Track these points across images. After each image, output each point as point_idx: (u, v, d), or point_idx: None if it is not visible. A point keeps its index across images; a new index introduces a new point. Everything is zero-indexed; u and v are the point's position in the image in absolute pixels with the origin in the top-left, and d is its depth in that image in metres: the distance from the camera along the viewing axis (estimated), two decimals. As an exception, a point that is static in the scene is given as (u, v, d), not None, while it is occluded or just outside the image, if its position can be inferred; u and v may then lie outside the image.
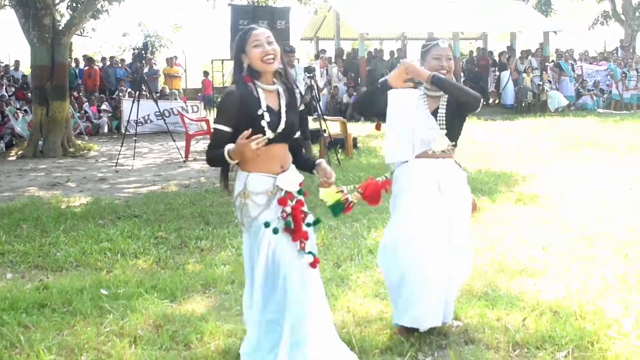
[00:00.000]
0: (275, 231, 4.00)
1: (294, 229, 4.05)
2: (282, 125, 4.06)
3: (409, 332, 4.65)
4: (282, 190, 4.07)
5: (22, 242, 7.44)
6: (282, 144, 4.13)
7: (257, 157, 3.91)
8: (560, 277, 5.87)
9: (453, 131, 4.73)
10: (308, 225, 4.18)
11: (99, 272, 6.40)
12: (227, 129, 4.00)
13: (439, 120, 4.69)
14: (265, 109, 4.02)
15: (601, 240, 6.98)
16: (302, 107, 11.83)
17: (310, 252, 4.11)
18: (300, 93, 4.30)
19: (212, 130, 4.12)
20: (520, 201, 9.01)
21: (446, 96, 4.68)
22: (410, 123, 4.71)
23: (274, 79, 4.14)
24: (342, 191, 4.60)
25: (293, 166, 4.23)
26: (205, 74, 26.84)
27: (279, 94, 4.15)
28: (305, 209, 4.19)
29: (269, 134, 3.99)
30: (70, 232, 7.81)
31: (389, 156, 4.82)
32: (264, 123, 3.99)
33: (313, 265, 4.11)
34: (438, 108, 4.70)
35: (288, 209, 4.06)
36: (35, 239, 7.56)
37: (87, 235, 7.62)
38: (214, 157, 4.04)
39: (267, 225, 3.99)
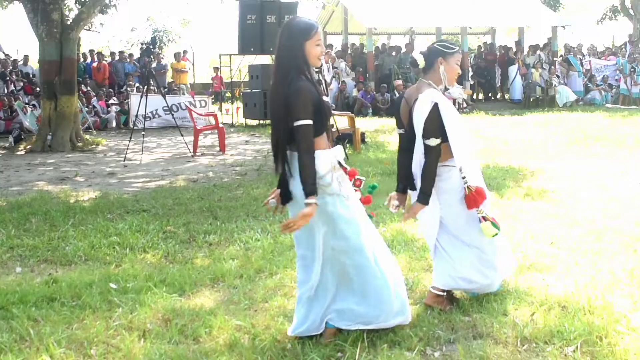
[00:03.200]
0: (371, 188, 4.89)
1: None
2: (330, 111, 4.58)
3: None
4: (337, 162, 4.43)
5: (31, 236, 7.47)
6: None
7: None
8: (568, 272, 5.86)
9: None
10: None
11: (108, 266, 6.43)
12: (312, 122, 4.24)
13: None
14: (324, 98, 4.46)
15: (609, 235, 6.96)
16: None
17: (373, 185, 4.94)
18: None
19: (301, 127, 4.19)
20: (528, 196, 9.00)
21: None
22: (464, 129, 4.98)
23: None
24: None
25: None
26: (216, 69, 26.90)
27: None
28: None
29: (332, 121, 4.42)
30: (79, 227, 7.83)
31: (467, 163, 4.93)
32: (329, 111, 4.52)
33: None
34: None
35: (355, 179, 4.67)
36: (44, 233, 7.60)
37: (96, 230, 7.65)
38: (313, 175, 4.21)
39: (374, 187, 4.89)
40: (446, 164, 4.92)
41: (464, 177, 4.87)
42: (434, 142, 4.79)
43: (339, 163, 4.43)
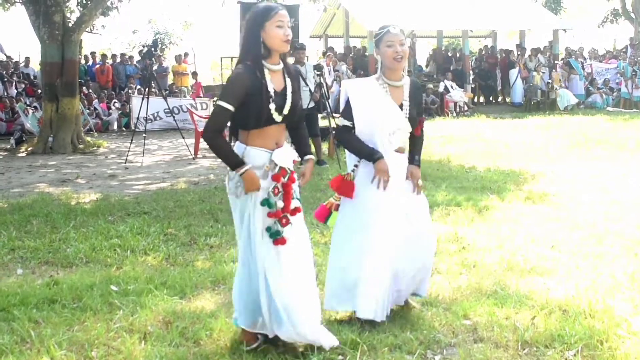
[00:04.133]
0: (262, 203, 4.19)
1: (282, 205, 4.23)
2: (287, 107, 4.23)
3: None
4: (276, 165, 4.21)
5: (32, 238, 7.47)
6: (281, 125, 4.29)
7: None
8: (569, 275, 5.86)
9: (413, 124, 4.91)
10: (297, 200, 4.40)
11: (109, 268, 6.42)
12: (231, 107, 4.12)
13: (404, 113, 4.85)
14: (272, 93, 4.17)
15: (610, 239, 6.96)
16: (312, 105, 11.93)
17: (277, 231, 4.21)
18: (311, 90, 4.44)
19: (215, 106, 4.18)
20: (529, 199, 9.00)
21: (408, 88, 4.91)
22: (379, 116, 4.79)
23: (279, 60, 4.32)
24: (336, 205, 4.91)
25: (287, 144, 4.36)
26: (195, 74, 26.56)
27: (284, 75, 4.32)
28: (295, 185, 4.35)
29: (277, 117, 4.19)
30: (80, 229, 7.84)
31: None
32: (272, 107, 4.16)
33: (275, 242, 4.21)
34: (403, 101, 4.85)
35: (280, 186, 4.22)
36: (45, 235, 7.59)
37: (97, 232, 7.65)
38: (225, 151, 4.18)
39: (263, 203, 4.18)
40: None
41: (356, 165, 4.83)
42: (343, 121, 4.81)
43: (282, 167, 4.23)
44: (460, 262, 6.28)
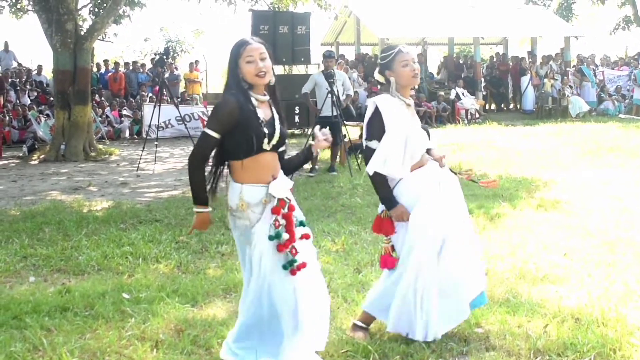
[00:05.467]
0: (271, 238, 4.07)
1: (288, 237, 4.11)
2: (276, 137, 4.16)
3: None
4: (274, 198, 4.12)
5: (44, 245, 7.49)
6: (273, 153, 4.21)
7: (247, 169, 4.11)
8: (581, 283, 5.83)
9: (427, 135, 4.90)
10: (302, 224, 4.26)
11: (121, 276, 6.44)
12: (217, 135, 4.08)
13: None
14: (263, 121, 4.11)
15: (623, 246, 6.93)
16: (337, 112, 12.03)
17: (293, 260, 4.08)
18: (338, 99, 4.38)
19: (201, 133, 4.14)
20: (541, 207, 8.97)
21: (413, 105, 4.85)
22: (409, 129, 4.69)
23: (265, 91, 4.23)
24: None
25: (282, 172, 4.29)
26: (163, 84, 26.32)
27: (270, 106, 4.26)
28: (296, 213, 4.25)
29: (266, 146, 4.11)
30: (92, 236, 7.86)
31: (394, 171, 4.64)
32: (265, 131, 4.08)
33: (292, 272, 4.10)
34: (414, 116, 4.82)
35: (281, 219, 4.11)
36: (57, 242, 7.62)
37: (109, 239, 7.67)
38: (198, 185, 4.26)
39: (271, 238, 4.06)
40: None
41: (385, 209, 4.71)
42: (375, 144, 4.66)
43: (281, 199, 4.12)
44: (472, 270, 6.25)
